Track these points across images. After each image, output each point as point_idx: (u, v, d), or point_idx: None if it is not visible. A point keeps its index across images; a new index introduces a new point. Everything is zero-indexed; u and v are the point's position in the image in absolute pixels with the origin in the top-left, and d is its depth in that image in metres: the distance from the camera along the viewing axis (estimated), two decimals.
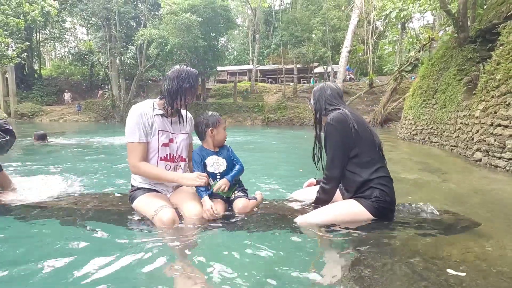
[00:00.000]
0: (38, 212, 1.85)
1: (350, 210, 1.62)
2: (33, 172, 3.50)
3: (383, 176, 1.63)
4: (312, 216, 1.65)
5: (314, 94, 1.88)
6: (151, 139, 1.77)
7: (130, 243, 1.56)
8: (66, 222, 1.75)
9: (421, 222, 1.64)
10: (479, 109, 4.72)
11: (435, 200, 2.74)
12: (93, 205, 1.88)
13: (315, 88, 1.92)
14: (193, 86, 1.79)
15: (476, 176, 3.84)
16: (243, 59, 37.38)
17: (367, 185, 1.61)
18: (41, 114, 23.10)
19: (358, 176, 1.64)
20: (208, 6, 20.25)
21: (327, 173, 1.73)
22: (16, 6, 11.77)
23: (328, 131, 1.67)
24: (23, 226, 1.76)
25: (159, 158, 1.80)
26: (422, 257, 1.35)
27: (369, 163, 1.64)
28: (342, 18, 23.81)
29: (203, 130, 1.88)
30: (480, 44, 6.25)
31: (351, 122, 1.64)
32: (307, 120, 20.78)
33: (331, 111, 1.73)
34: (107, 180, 3.38)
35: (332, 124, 1.66)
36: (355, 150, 1.65)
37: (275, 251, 1.47)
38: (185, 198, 1.78)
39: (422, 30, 18.36)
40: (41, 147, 6.50)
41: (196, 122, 1.93)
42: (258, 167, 4.50)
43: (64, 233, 1.68)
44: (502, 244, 1.53)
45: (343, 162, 1.68)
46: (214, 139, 1.88)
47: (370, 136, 1.68)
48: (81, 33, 36.87)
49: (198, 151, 1.89)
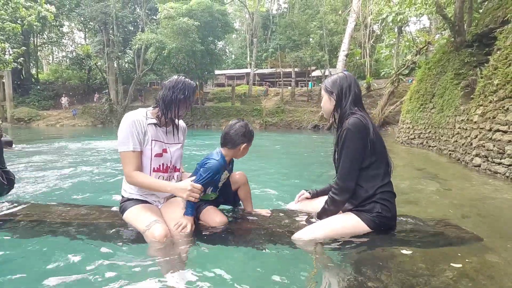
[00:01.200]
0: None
1: (349, 225, 1.55)
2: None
3: (387, 191, 1.55)
4: (309, 232, 1.56)
5: (342, 88, 1.64)
6: (144, 148, 1.72)
7: (119, 257, 1.50)
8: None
9: (422, 237, 1.58)
10: (477, 114, 4.70)
11: (435, 211, 2.68)
12: (76, 217, 1.81)
13: (342, 78, 1.66)
14: (188, 98, 1.73)
15: (476, 183, 3.79)
16: (241, 63, 37.49)
17: (370, 199, 1.54)
18: (38, 118, 22.98)
19: (363, 190, 1.55)
20: (206, 11, 20.31)
21: (340, 183, 1.57)
22: (13, 11, 11.72)
23: (348, 137, 1.52)
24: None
25: (152, 168, 1.74)
26: (422, 274, 1.29)
27: (375, 177, 1.55)
28: (339, 22, 23.97)
29: (237, 140, 1.70)
30: (477, 48, 6.26)
31: (371, 131, 1.52)
32: (305, 124, 20.79)
33: (352, 114, 1.57)
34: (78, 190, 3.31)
35: (352, 131, 1.51)
36: (366, 161, 1.54)
37: (267, 268, 1.42)
38: (174, 213, 1.72)
39: (419, 33, 18.47)
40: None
41: (232, 129, 1.73)
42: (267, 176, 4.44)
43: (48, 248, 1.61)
44: (506, 260, 1.48)
45: (357, 173, 1.55)
46: (238, 154, 1.75)
47: (383, 149, 1.58)
48: (79, 37, 36.95)
49: (224, 165, 1.71)
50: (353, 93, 1.63)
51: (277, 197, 2.98)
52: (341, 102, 1.64)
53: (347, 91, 1.63)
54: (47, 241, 1.67)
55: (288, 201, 2.16)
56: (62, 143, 8.78)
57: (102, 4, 23.43)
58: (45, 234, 1.71)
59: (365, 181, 1.55)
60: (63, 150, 7.41)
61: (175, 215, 1.69)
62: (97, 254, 1.54)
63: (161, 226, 1.56)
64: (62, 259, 1.50)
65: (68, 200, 2.86)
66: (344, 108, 1.63)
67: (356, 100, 1.63)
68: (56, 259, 1.50)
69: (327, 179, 3.93)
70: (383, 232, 1.56)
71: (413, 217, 1.79)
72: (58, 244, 1.65)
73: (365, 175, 1.55)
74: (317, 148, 8.97)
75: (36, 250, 1.63)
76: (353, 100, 1.62)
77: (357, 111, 1.59)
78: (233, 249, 1.62)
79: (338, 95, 1.64)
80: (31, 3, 13.01)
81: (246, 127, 1.73)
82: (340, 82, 1.65)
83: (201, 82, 26.36)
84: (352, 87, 1.64)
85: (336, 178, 1.62)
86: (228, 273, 1.38)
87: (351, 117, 1.55)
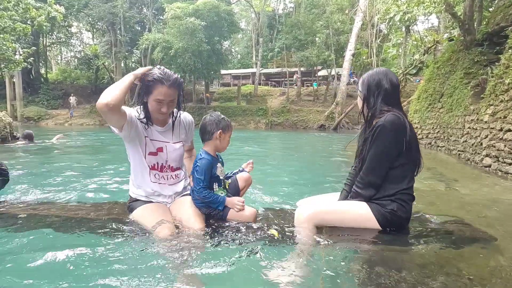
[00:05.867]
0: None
1: (357, 213, 1.50)
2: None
3: (407, 193, 1.49)
4: (314, 207, 1.54)
5: (370, 85, 1.54)
6: (138, 145, 1.70)
7: (122, 254, 1.51)
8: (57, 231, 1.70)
9: (434, 235, 1.57)
10: (487, 113, 4.62)
11: (446, 210, 2.65)
12: (83, 214, 1.82)
13: (371, 75, 1.55)
14: (160, 81, 1.59)
15: (486, 184, 3.74)
16: (247, 63, 37.47)
17: (389, 197, 1.49)
18: (47, 117, 23.34)
19: (384, 188, 1.49)
20: (212, 11, 20.37)
21: (365, 177, 1.50)
22: (23, 12, 11.91)
23: (381, 133, 1.43)
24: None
25: (149, 166, 1.75)
26: (434, 273, 1.28)
27: (402, 180, 1.48)
28: (346, 22, 23.78)
29: (212, 130, 1.73)
30: (487, 47, 6.16)
31: (407, 131, 1.44)
32: (311, 124, 20.70)
33: (387, 112, 1.47)
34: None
35: (387, 128, 1.42)
36: (397, 162, 1.46)
37: (276, 266, 1.40)
38: (186, 212, 1.71)
39: (427, 33, 18.24)
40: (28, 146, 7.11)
41: (205, 121, 1.76)
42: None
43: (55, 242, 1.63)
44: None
45: (385, 171, 1.47)
46: (218, 144, 1.76)
47: (417, 153, 1.50)
48: (87, 37, 37.35)
49: (212, 160, 1.73)
50: (383, 90, 1.51)
51: (287, 195, 2.98)
52: (368, 100, 1.54)
53: (375, 88, 1.52)
54: (46, 237, 1.68)
55: (297, 199, 2.16)
56: (68, 142, 8.90)
57: (110, 5, 23.68)
58: (46, 228, 1.72)
59: (390, 181, 1.49)
60: (68, 147, 7.55)
61: (186, 211, 1.71)
62: (100, 250, 1.54)
63: (167, 227, 1.56)
64: (66, 255, 1.49)
65: (72, 196, 2.91)
66: (374, 107, 1.53)
67: (388, 97, 1.51)
68: (59, 255, 1.50)
69: (338, 177, 3.92)
70: (393, 232, 1.52)
71: (424, 216, 1.77)
72: (61, 240, 1.66)
73: (392, 175, 1.48)
74: (323, 147, 8.94)
75: (34, 244, 1.63)
76: (384, 97, 1.50)
77: (391, 109, 1.48)
78: (235, 248, 1.59)
79: (365, 93, 1.55)
80: (41, 4, 13.22)
81: (217, 116, 1.77)
82: (368, 79, 1.55)
83: (207, 81, 26.46)
84: (383, 84, 1.51)
85: (361, 172, 1.54)
86: (230, 273, 1.37)
87: (388, 114, 1.45)
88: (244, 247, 1.55)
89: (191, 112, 17.15)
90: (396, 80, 1.54)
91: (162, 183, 1.79)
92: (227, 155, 1.98)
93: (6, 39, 10.96)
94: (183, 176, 1.90)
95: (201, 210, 1.74)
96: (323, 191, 2.09)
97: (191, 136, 1.96)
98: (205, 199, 1.68)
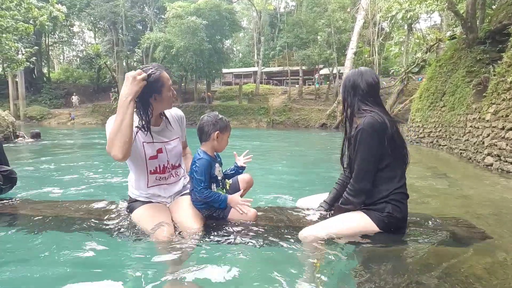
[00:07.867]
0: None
1: (359, 224, 1.52)
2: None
3: (400, 192, 1.50)
4: (318, 229, 1.53)
5: (346, 86, 1.59)
6: (138, 154, 1.64)
7: (123, 254, 1.53)
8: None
9: (433, 234, 1.57)
10: (489, 112, 4.60)
11: (446, 209, 2.65)
12: (80, 215, 1.83)
13: (347, 76, 1.61)
14: (159, 72, 1.60)
15: (487, 182, 3.73)
16: (248, 61, 37.43)
17: (383, 199, 1.50)
18: (50, 117, 23.48)
19: (377, 190, 1.51)
20: (214, 9, 20.37)
21: (356, 185, 1.52)
22: (25, 12, 11.96)
23: (363, 138, 1.46)
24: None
25: (149, 171, 1.70)
26: (433, 271, 1.29)
27: (392, 179, 1.50)
28: (348, 20, 23.66)
29: (209, 131, 1.71)
30: (489, 45, 6.12)
31: (389, 131, 1.45)
32: (312, 122, 20.66)
33: (366, 112, 1.49)
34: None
35: (367, 131, 1.44)
36: (384, 162, 1.48)
37: (274, 267, 1.41)
38: (185, 212, 1.71)
39: (429, 31, 18.13)
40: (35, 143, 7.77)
41: (202, 122, 1.74)
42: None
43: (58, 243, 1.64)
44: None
45: (373, 174, 1.50)
46: (216, 145, 1.74)
47: (402, 148, 1.52)
48: (89, 36, 37.43)
49: (210, 160, 1.70)
50: (360, 90, 1.55)
51: (287, 193, 2.99)
52: (346, 101, 1.60)
53: (351, 89, 1.58)
54: (46, 236, 1.68)
55: (298, 197, 2.17)
56: (72, 140, 8.96)
57: (111, 4, 23.72)
58: (52, 229, 1.73)
59: (381, 183, 1.50)
60: (71, 146, 7.62)
61: (185, 212, 1.70)
62: (101, 250, 1.54)
63: (166, 229, 1.55)
64: (67, 254, 1.50)
65: (75, 195, 2.93)
66: (351, 106, 1.57)
67: (366, 96, 1.54)
68: (60, 253, 1.51)
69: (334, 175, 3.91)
70: (392, 233, 1.53)
71: (424, 215, 1.78)
72: (62, 238, 1.67)
73: (382, 176, 1.50)
74: (325, 146, 8.93)
75: (40, 244, 1.64)
76: (361, 97, 1.54)
77: (372, 108, 1.51)
78: (236, 247, 1.58)
79: (343, 94, 1.62)
80: (43, 3, 13.27)
81: (215, 117, 1.75)
82: (344, 81, 1.61)
83: (209, 80, 26.47)
84: (357, 84, 1.56)
85: (351, 180, 1.56)
86: (231, 272, 1.37)
87: (367, 116, 1.48)
88: (244, 247, 1.55)
89: (193, 111, 17.04)
90: (372, 80, 1.57)
91: (162, 184, 1.78)
92: (227, 155, 1.98)
93: (9, 39, 11.02)
94: (182, 174, 1.90)
95: (202, 212, 1.73)
96: (323, 190, 2.09)
97: (184, 131, 1.93)
98: (207, 199, 1.65)
